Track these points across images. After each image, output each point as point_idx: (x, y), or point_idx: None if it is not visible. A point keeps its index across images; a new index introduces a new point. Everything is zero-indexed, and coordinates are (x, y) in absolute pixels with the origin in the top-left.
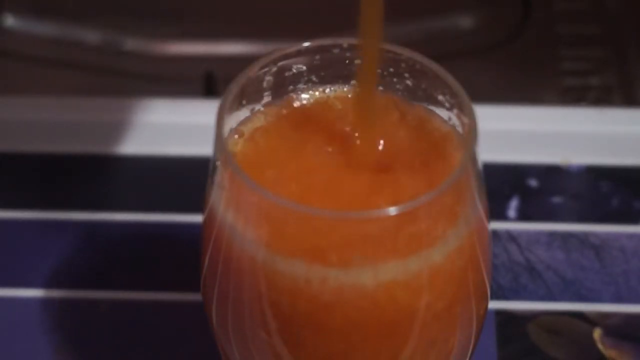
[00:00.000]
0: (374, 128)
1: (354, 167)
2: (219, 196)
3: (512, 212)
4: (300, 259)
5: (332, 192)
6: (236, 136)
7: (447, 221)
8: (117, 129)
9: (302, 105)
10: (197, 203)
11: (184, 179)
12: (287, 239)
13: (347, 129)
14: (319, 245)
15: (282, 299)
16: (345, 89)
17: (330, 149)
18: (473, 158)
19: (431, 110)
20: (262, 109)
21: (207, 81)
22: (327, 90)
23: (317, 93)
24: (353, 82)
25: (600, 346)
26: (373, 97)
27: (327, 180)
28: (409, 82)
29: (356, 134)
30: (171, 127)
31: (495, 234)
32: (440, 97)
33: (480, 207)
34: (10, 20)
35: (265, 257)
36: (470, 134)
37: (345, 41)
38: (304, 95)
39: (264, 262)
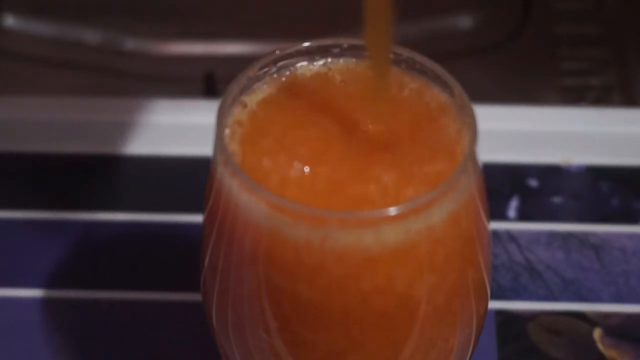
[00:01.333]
0: (377, 102)
1: (355, 139)
2: (218, 199)
3: (512, 212)
4: (302, 222)
5: (330, 165)
6: (240, 107)
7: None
8: (117, 129)
9: (305, 77)
10: (197, 203)
11: (184, 179)
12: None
13: (350, 100)
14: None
15: (282, 281)
16: (348, 62)
17: (331, 121)
18: (473, 158)
19: (428, 81)
20: (265, 80)
21: (207, 81)
22: (330, 61)
23: (319, 64)
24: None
25: (600, 346)
26: (385, 73)
27: (327, 152)
28: None
29: (359, 105)
30: (171, 127)
31: (495, 234)
32: None
33: (480, 209)
34: (10, 20)
35: (269, 219)
36: (470, 134)
37: (345, 41)
38: (306, 67)
39: (268, 227)
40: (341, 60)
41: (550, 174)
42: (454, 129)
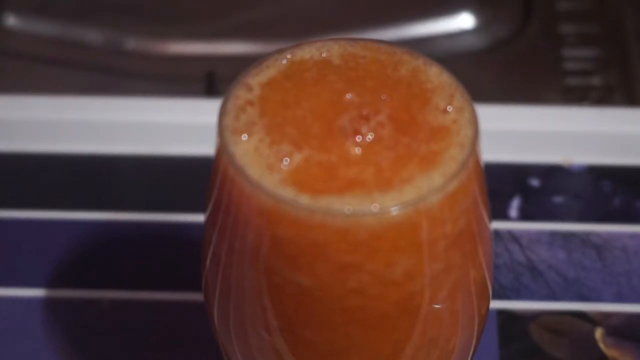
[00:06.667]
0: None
1: (355, 119)
2: (220, 196)
3: (513, 211)
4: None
5: (330, 146)
6: (244, 89)
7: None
8: (117, 129)
9: (307, 59)
10: (197, 203)
11: (184, 179)
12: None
13: (350, 81)
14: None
15: (284, 273)
16: (349, 44)
17: (332, 102)
18: (475, 158)
19: (425, 61)
20: (268, 62)
21: (208, 81)
22: (330, 45)
23: (319, 47)
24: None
25: (601, 346)
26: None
27: (326, 133)
28: None
29: (359, 86)
30: (172, 127)
31: (496, 233)
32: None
33: (482, 207)
34: (11, 20)
35: (272, 210)
36: (472, 134)
37: (344, 41)
38: (308, 50)
39: (270, 217)
40: (344, 43)
41: (552, 173)
42: (448, 112)
